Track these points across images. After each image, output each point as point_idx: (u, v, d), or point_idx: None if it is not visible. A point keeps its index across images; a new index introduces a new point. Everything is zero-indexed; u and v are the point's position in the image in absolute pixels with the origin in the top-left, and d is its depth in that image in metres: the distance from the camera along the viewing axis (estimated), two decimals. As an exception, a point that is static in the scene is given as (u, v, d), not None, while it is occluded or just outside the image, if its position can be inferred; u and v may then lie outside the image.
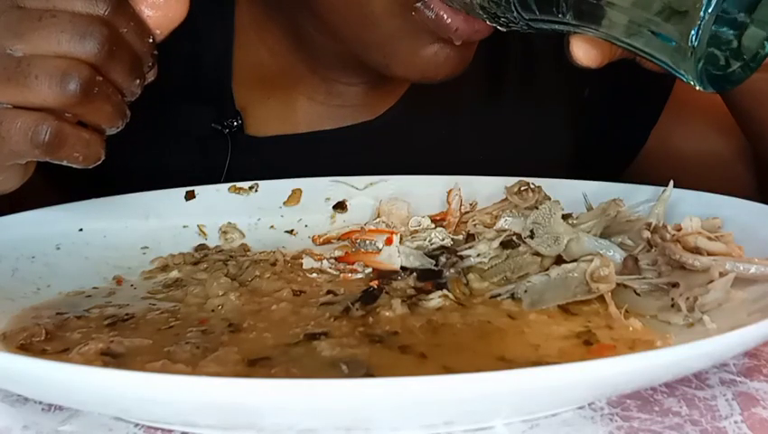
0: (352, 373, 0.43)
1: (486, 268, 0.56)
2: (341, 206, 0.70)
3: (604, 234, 0.55)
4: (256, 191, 0.70)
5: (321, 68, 0.78)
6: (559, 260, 0.54)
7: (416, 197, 0.68)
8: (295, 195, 0.70)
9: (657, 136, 0.82)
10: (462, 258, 0.57)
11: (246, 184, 0.70)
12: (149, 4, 0.51)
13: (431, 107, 0.80)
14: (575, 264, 0.52)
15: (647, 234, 0.53)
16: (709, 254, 0.49)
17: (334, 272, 0.59)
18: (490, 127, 0.81)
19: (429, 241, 0.61)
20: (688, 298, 0.48)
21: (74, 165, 0.50)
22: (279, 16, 0.77)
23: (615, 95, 0.82)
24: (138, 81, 0.51)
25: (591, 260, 0.51)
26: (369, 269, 0.59)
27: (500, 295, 0.53)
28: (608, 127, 0.83)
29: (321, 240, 0.67)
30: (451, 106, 0.81)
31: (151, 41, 0.52)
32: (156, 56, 0.52)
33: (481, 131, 0.81)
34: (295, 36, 0.77)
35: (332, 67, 0.78)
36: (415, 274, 0.56)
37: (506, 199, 0.62)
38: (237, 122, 0.77)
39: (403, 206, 0.67)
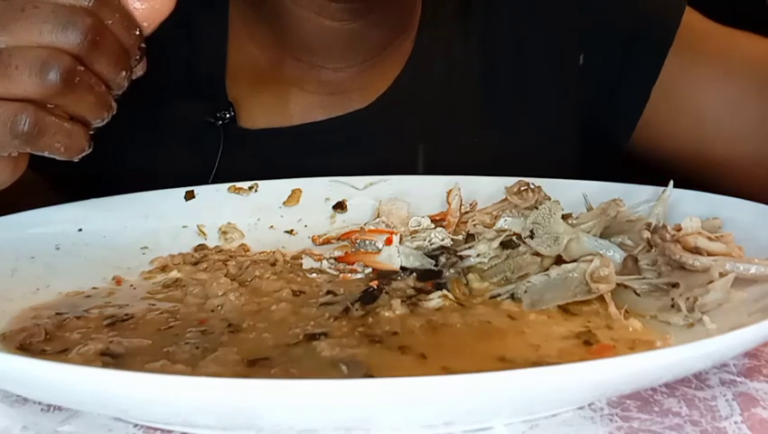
0: (352, 373, 0.43)
1: (486, 268, 0.56)
2: (340, 206, 0.70)
3: (604, 234, 0.55)
4: (255, 191, 0.70)
5: (306, 54, 0.79)
6: (559, 260, 0.54)
7: (416, 197, 0.68)
8: (295, 195, 0.70)
9: (664, 90, 0.78)
10: (462, 258, 0.57)
11: (245, 184, 0.70)
12: None
13: (423, 90, 0.79)
14: (575, 264, 0.52)
15: (647, 234, 0.53)
16: (709, 254, 0.49)
17: (334, 272, 0.59)
18: (485, 109, 0.80)
19: (429, 241, 0.61)
20: (688, 299, 0.48)
21: (57, 157, 0.50)
22: (262, 6, 0.78)
23: (609, 59, 0.79)
24: (125, 74, 0.51)
25: (591, 261, 0.51)
26: (369, 269, 0.59)
27: (500, 295, 0.53)
28: (608, 93, 0.80)
29: (321, 240, 0.66)
30: (444, 88, 0.80)
31: (138, 33, 0.51)
32: (145, 49, 0.52)
33: (476, 112, 0.80)
34: (279, 23, 0.78)
35: (317, 51, 0.78)
36: (415, 274, 0.56)
37: (506, 199, 0.62)
38: (229, 114, 0.78)
39: (403, 206, 0.67)
